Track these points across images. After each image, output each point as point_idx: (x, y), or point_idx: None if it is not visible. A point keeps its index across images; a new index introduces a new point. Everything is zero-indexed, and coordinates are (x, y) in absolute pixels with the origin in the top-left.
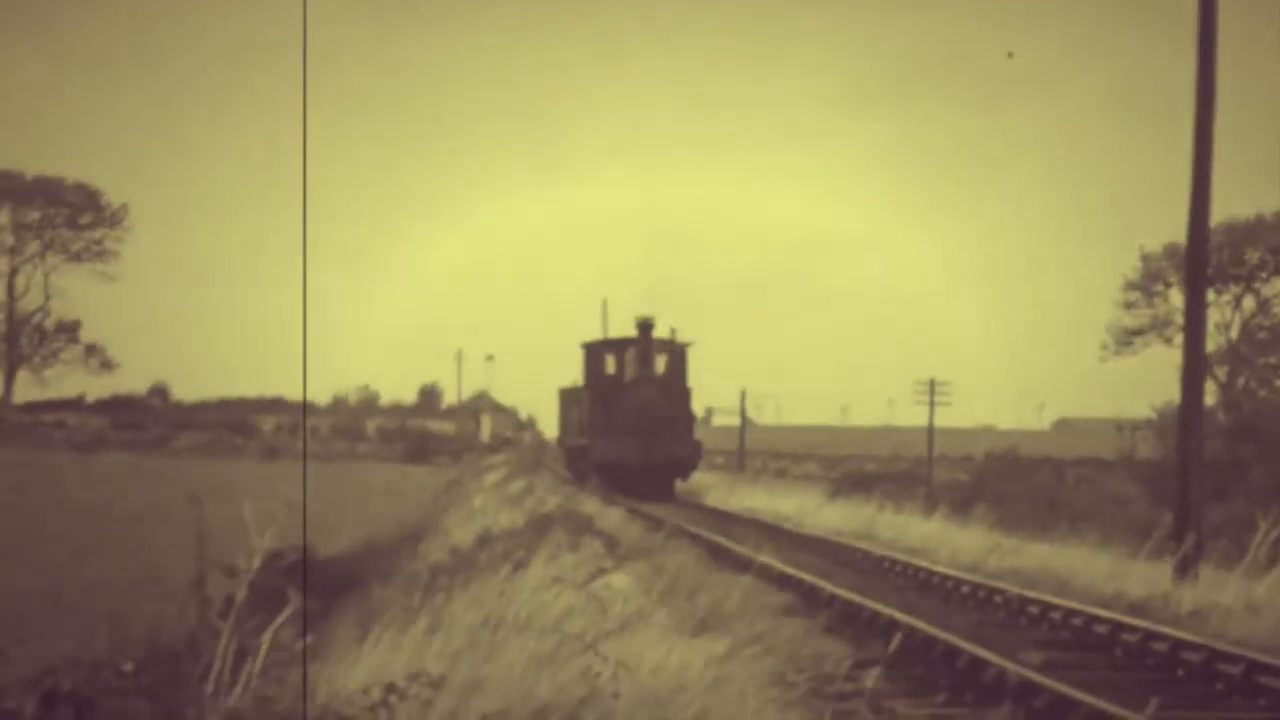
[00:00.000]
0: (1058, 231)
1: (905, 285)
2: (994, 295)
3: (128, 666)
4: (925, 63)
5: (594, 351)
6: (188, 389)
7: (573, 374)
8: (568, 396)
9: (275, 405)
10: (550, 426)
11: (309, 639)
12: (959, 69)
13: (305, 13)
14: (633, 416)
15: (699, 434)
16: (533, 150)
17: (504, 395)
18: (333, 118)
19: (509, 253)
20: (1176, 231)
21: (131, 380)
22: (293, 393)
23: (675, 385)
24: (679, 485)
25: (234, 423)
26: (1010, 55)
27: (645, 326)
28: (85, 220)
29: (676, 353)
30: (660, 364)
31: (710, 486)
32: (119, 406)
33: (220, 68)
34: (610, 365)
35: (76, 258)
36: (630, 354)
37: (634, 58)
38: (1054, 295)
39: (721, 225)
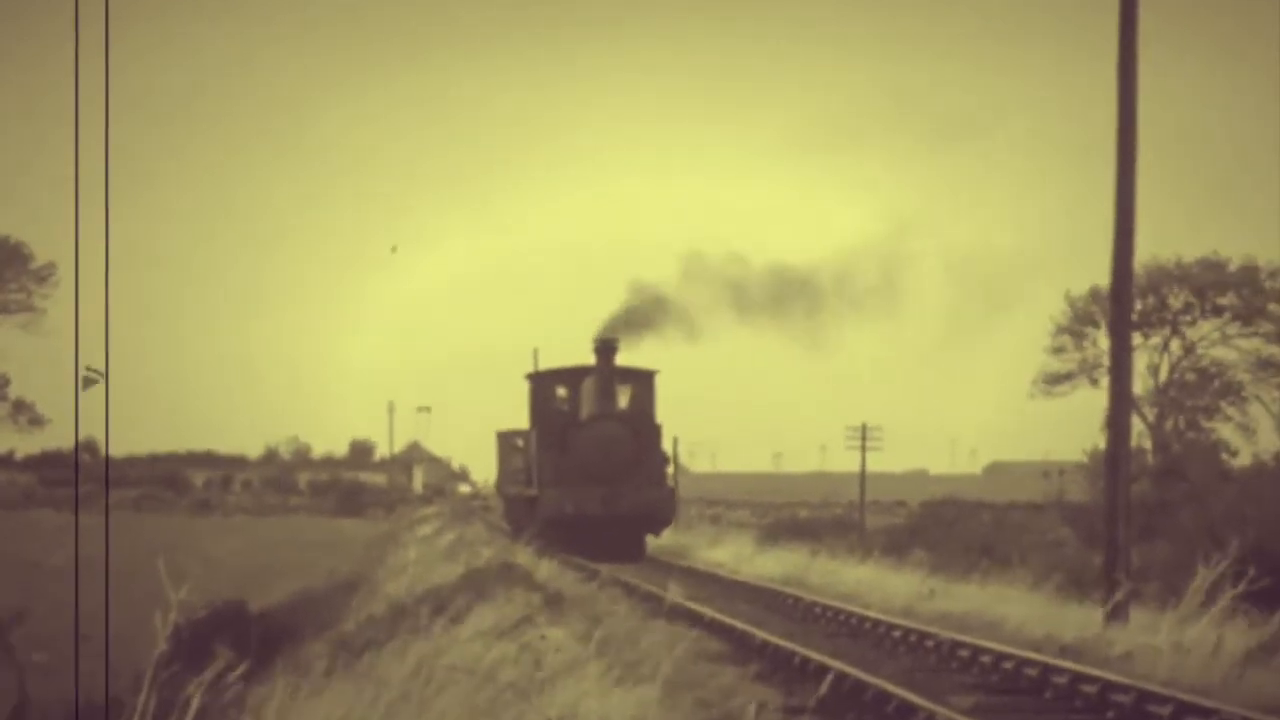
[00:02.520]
0: (994, 274)
1: (834, 329)
2: (927, 339)
3: None
4: (869, 108)
5: (542, 383)
6: (118, 444)
7: (512, 419)
8: (508, 441)
9: (206, 459)
10: (486, 475)
11: (240, 690)
12: (902, 114)
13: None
14: (592, 460)
15: None
16: (470, 197)
17: (437, 445)
18: (262, 170)
19: (442, 301)
20: (1106, 275)
21: (61, 436)
22: (224, 446)
23: (642, 421)
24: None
25: (165, 477)
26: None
27: (605, 349)
28: (10, 274)
29: (643, 382)
30: (623, 396)
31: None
32: (48, 463)
33: (140, 114)
34: (562, 399)
35: (4, 309)
36: (587, 385)
37: (581, 103)
38: (986, 339)
39: (659, 266)
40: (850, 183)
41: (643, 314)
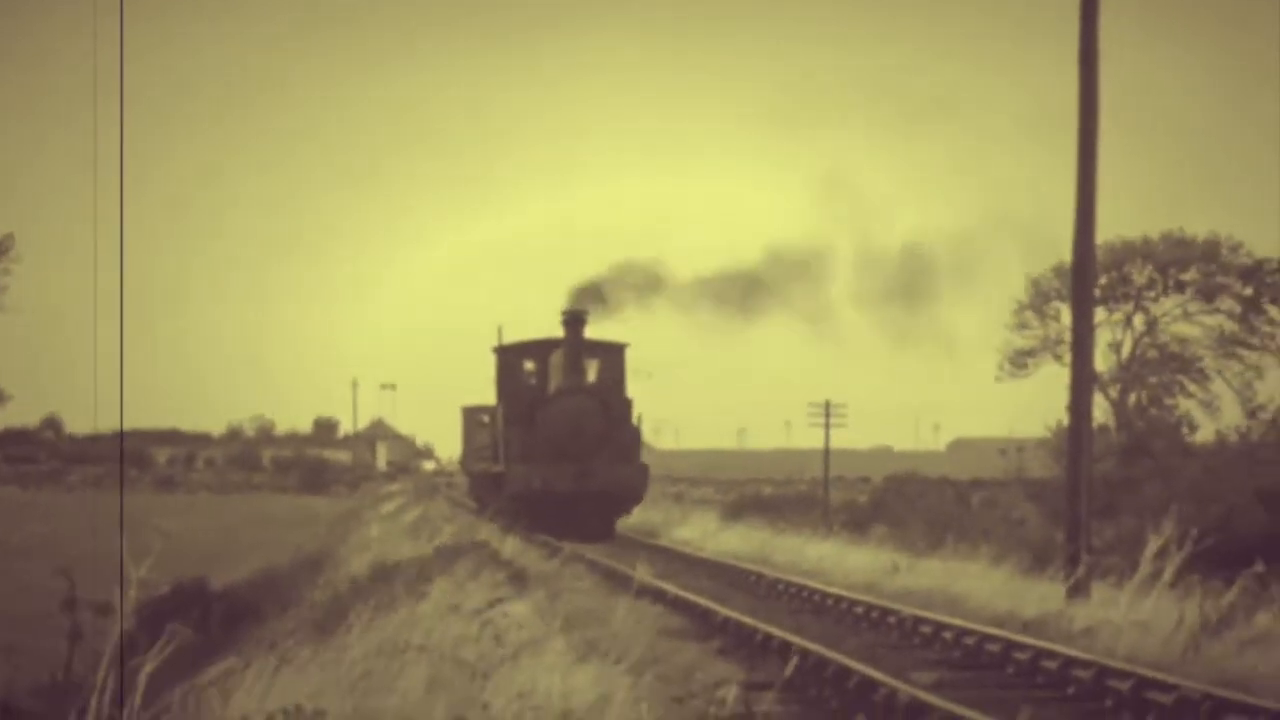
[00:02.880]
0: (957, 251)
1: (804, 306)
2: (891, 317)
3: None
4: (841, 90)
5: (508, 357)
6: (81, 422)
7: (476, 396)
8: (473, 416)
9: (170, 437)
10: (450, 452)
11: (204, 669)
12: (875, 96)
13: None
14: (561, 435)
15: None
16: (449, 181)
17: (401, 423)
18: (242, 148)
19: (411, 280)
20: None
21: (23, 413)
22: (187, 424)
23: (612, 395)
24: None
25: (128, 454)
26: None
27: (574, 321)
28: None
29: (613, 355)
30: (592, 370)
31: None
32: (11, 440)
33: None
34: (529, 372)
35: None
36: (555, 358)
37: (563, 88)
38: (950, 316)
39: (630, 245)
40: (818, 163)
41: (614, 286)
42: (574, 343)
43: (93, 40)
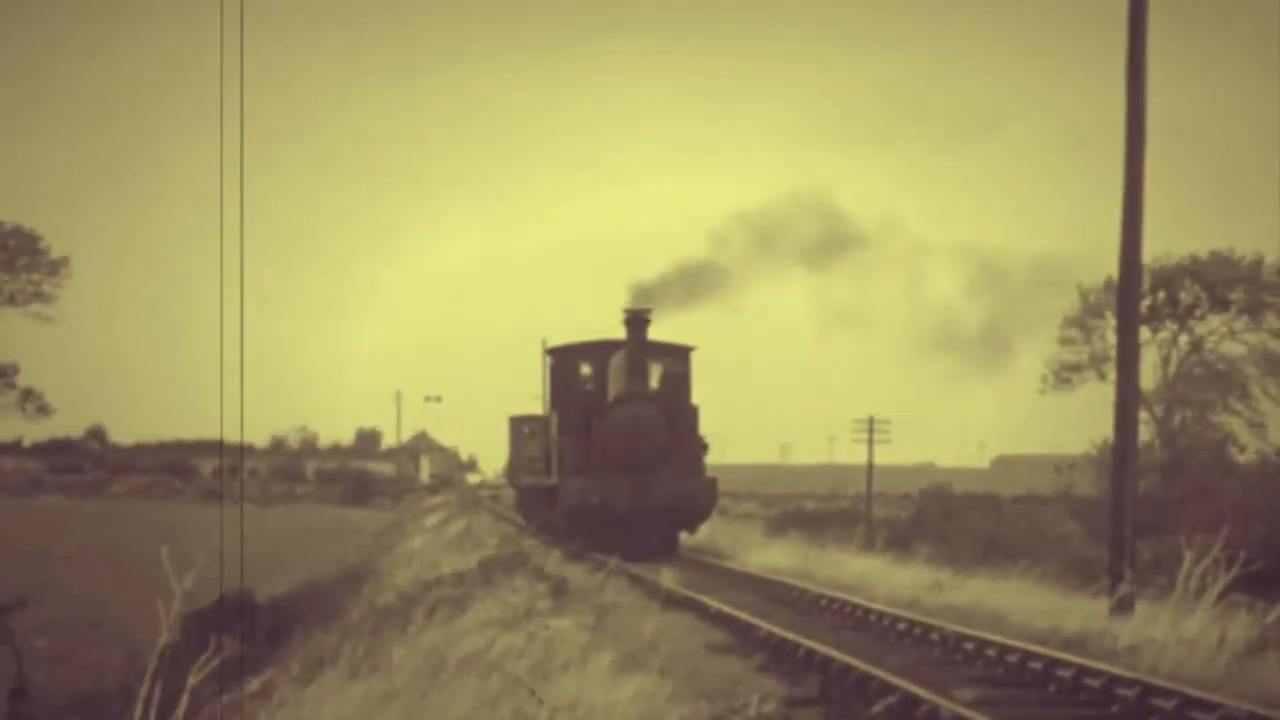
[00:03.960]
0: (1007, 267)
1: (853, 319)
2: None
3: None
4: (889, 104)
5: (564, 360)
6: (126, 431)
7: (520, 407)
8: (522, 426)
9: (214, 448)
10: (493, 465)
11: (249, 683)
12: (923, 109)
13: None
14: (621, 446)
15: None
16: (487, 189)
17: (445, 435)
18: (274, 155)
19: (455, 292)
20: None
21: (69, 424)
22: (232, 434)
23: (677, 403)
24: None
25: (172, 465)
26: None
27: (637, 321)
28: (22, 263)
29: (678, 358)
30: (655, 375)
31: None
32: (56, 450)
33: (150, 107)
34: (587, 377)
35: (12, 300)
36: (616, 361)
37: (594, 101)
38: (996, 329)
39: (666, 257)
40: (858, 176)
41: (682, 282)
42: (636, 345)
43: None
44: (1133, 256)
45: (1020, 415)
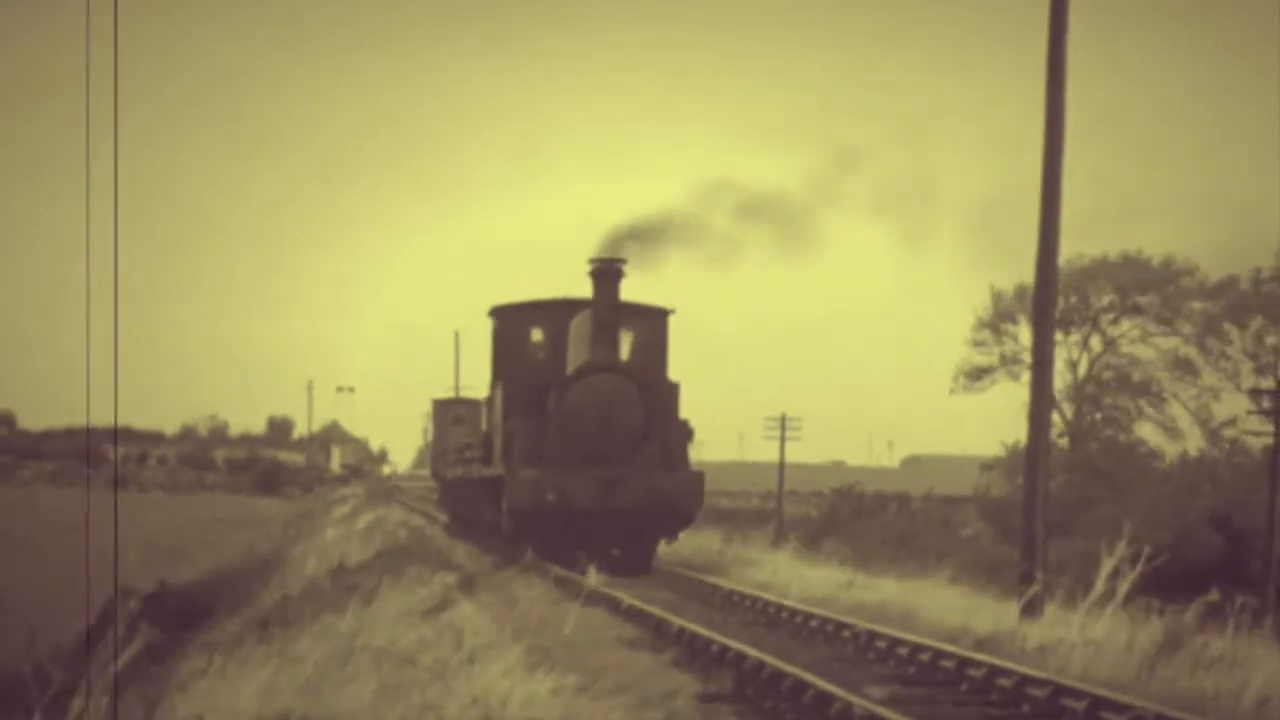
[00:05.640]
0: (920, 271)
1: (768, 321)
2: (849, 333)
3: None
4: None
5: (511, 322)
6: (34, 418)
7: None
8: (448, 410)
9: (123, 435)
10: (405, 457)
11: (157, 669)
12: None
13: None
14: (584, 430)
15: None
16: (421, 179)
17: (356, 426)
18: (199, 138)
19: (373, 283)
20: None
21: None
22: (141, 421)
23: (652, 379)
24: None
25: (81, 451)
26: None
27: (607, 273)
28: None
29: (652, 325)
30: (625, 343)
31: None
32: None
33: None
34: (538, 344)
35: None
36: (579, 325)
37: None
38: (907, 334)
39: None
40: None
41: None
42: (606, 303)
43: (84, 36)
44: (1048, 259)
45: (930, 416)
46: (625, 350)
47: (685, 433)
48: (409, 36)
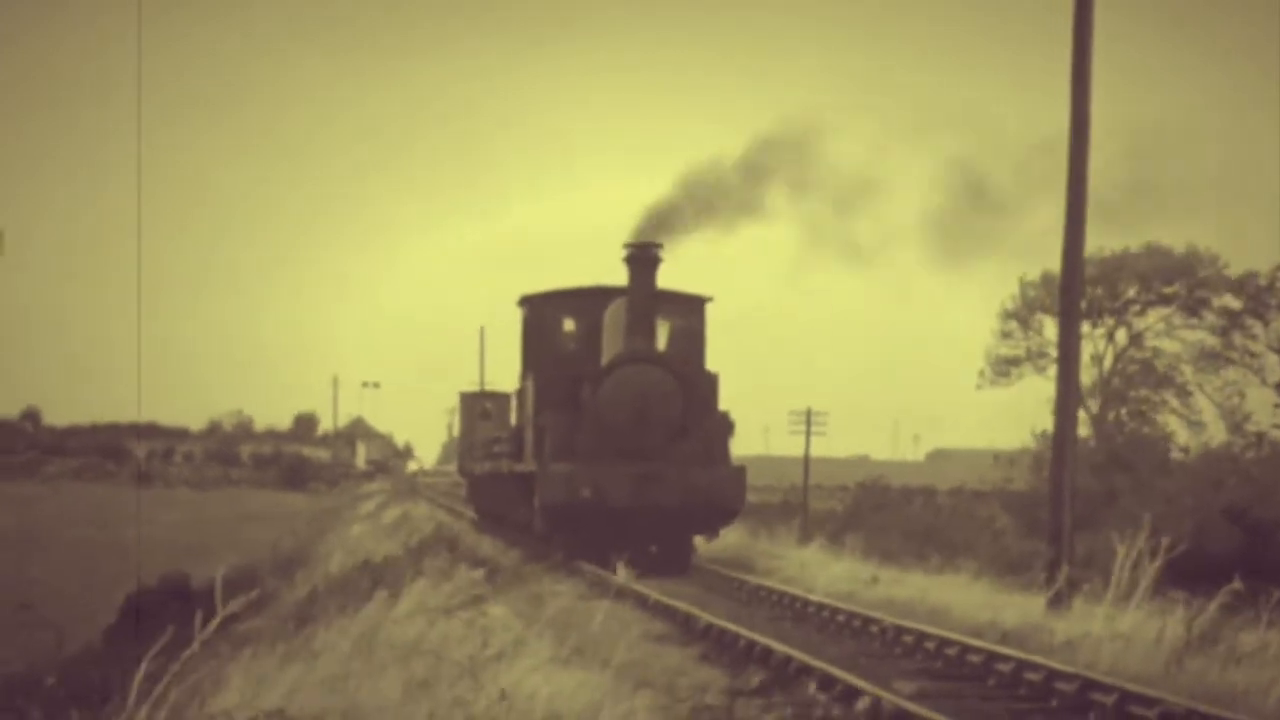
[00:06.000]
0: (942, 262)
1: (789, 314)
2: (874, 326)
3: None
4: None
5: (543, 311)
6: (60, 413)
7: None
8: (476, 404)
9: (149, 430)
10: (430, 452)
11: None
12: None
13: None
14: (621, 423)
15: None
16: (437, 183)
17: (381, 422)
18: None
19: (397, 279)
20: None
21: (2, 405)
22: (167, 417)
23: (690, 369)
24: None
25: (107, 447)
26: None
27: (643, 259)
28: None
29: (690, 313)
30: (662, 333)
31: None
32: None
33: (76, 97)
34: (570, 335)
35: None
36: (612, 313)
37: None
38: (932, 328)
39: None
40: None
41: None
42: (643, 291)
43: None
44: (1075, 251)
45: (956, 409)
46: (662, 340)
47: (726, 426)
48: (445, 39)
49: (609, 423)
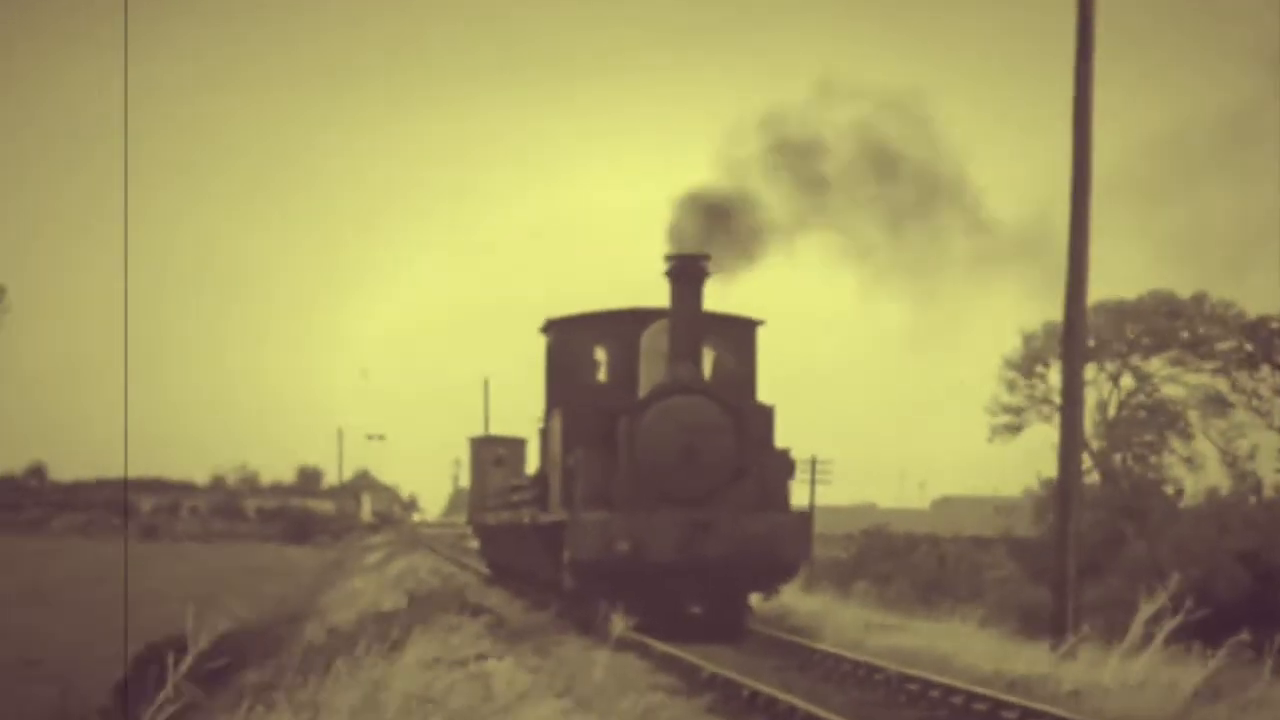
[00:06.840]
0: (944, 308)
1: (792, 360)
2: (879, 372)
3: None
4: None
5: (570, 336)
6: (65, 469)
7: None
8: (487, 450)
9: (153, 485)
10: (435, 504)
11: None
12: None
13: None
14: (665, 464)
15: None
16: (441, 229)
17: (386, 473)
18: (228, 195)
19: (401, 331)
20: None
21: (9, 461)
22: (171, 472)
23: (743, 403)
24: None
25: (112, 502)
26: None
27: (689, 273)
28: None
29: (740, 337)
30: (706, 361)
31: None
32: None
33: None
34: (605, 364)
35: None
36: (650, 337)
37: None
38: (937, 373)
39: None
40: None
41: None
42: (687, 311)
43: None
44: (1078, 299)
45: (962, 457)
46: (707, 368)
47: (786, 465)
48: (423, 83)
49: (650, 464)
